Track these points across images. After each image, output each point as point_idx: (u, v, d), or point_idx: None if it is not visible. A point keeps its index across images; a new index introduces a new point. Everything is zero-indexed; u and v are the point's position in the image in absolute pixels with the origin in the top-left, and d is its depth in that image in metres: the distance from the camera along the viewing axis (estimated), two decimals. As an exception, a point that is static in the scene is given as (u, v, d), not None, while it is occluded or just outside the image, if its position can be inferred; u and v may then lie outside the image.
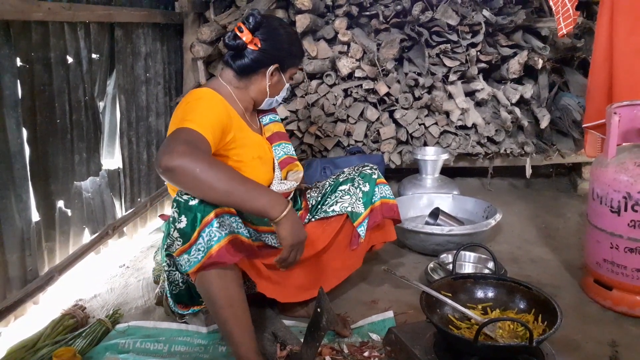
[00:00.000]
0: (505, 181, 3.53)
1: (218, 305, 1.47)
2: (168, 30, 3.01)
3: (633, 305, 1.83)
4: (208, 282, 1.45)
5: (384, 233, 1.98)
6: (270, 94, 1.75)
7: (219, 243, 1.41)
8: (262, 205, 1.37)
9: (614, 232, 1.82)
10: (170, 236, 1.47)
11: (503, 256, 2.33)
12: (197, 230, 1.40)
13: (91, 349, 1.67)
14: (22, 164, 1.84)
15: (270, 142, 1.84)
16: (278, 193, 1.48)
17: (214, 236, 1.40)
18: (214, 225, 1.41)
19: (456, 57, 3.10)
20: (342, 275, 1.92)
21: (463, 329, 1.52)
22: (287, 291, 1.73)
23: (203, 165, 1.31)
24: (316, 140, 3.20)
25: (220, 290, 1.45)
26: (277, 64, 1.70)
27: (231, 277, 1.46)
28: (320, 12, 3.19)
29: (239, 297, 1.49)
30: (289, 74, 1.78)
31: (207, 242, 1.40)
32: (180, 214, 1.42)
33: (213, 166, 1.33)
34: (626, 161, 1.80)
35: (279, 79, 1.75)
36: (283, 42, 1.70)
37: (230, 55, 1.70)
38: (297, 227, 1.42)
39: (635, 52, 2.17)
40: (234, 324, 1.48)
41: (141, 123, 2.71)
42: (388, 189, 1.96)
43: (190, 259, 1.42)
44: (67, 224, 2.13)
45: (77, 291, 2.11)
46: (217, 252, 1.40)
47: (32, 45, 1.89)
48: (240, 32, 1.65)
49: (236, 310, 1.48)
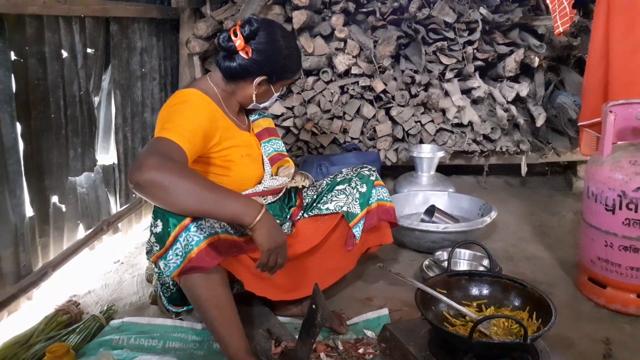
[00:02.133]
0: (500, 179, 3.54)
1: (205, 307, 1.46)
2: (164, 26, 2.99)
3: (627, 303, 1.84)
4: (193, 284, 1.44)
5: (379, 235, 1.97)
6: (256, 102, 1.71)
7: (199, 246, 1.39)
8: (234, 213, 1.32)
9: (608, 231, 1.82)
10: (149, 241, 1.48)
11: (498, 254, 2.34)
12: (173, 235, 1.39)
13: (85, 345, 1.66)
14: (16, 159, 1.83)
15: (259, 138, 1.81)
16: (251, 198, 1.40)
17: (191, 240, 1.39)
18: (191, 229, 1.39)
19: (453, 54, 3.10)
20: (336, 276, 1.90)
21: (458, 326, 1.52)
22: (277, 289, 1.71)
23: (171, 177, 1.27)
24: (312, 137, 3.20)
25: (205, 291, 1.44)
26: (266, 76, 1.64)
27: (216, 278, 1.45)
28: (317, 8, 3.19)
29: (226, 297, 1.48)
30: (279, 85, 1.72)
31: (184, 247, 1.39)
32: (157, 218, 1.42)
33: (182, 177, 1.29)
34: (621, 160, 1.81)
35: (267, 89, 1.70)
36: (278, 56, 1.63)
37: (222, 57, 1.66)
38: (273, 231, 1.37)
39: (631, 51, 2.17)
40: (222, 324, 1.47)
41: (136, 118, 2.70)
42: (385, 192, 1.95)
43: (168, 263, 1.41)
44: (61, 220, 2.12)
45: (71, 287, 2.10)
46: (197, 255, 1.39)
47: (27, 39, 1.87)
48: (235, 36, 1.59)
49: (223, 310, 1.47)
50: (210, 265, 1.40)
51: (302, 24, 3.00)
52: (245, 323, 1.72)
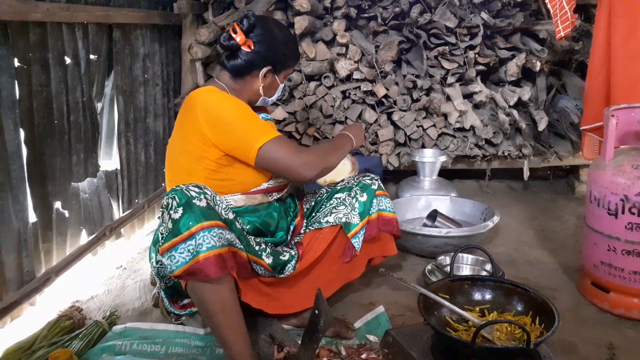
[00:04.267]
0: (503, 183, 3.54)
1: (210, 310, 1.45)
2: (166, 32, 3.01)
3: (630, 308, 1.83)
4: (199, 287, 1.42)
5: (381, 246, 1.94)
6: (264, 95, 1.78)
7: (209, 252, 1.37)
8: (349, 148, 1.84)
9: (611, 235, 1.82)
10: (158, 229, 1.46)
11: (500, 258, 2.34)
12: (192, 230, 1.36)
13: (88, 351, 1.66)
14: (19, 165, 1.83)
15: None
16: (347, 135, 1.86)
17: (207, 242, 1.37)
18: (213, 231, 1.38)
19: (454, 59, 3.11)
20: (335, 287, 1.87)
21: (460, 331, 1.52)
22: (274, 302, 1.70)
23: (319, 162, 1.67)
24: (314, 141, 3.20)
25: (212, 295, 1.43)
26: (270, 66, 1.72)
27: (223, 282, 1.44)
28: (319, 14, 3.20)
29: (232, 302, 1.47)
30: (283, 75, 1.80)
31: (197, 246, 1.36)
32: (180, 205, 1.39)
33: (323, 157, 1.70)
34: (624, 164, 1.80)
35: (272, 81, 1.77)
36: (277, 44, 1.72)
37: (225, 56, 1.73)
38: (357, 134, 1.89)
39: (632, 55, 2.17)
40: (227, 329, 1.47)
41: (139, 124, 2.70)
42: (388, 202, 1.91)
43: (177, 256, 1.37)
44: (64, 225, 2.13)
45: (74, 292, 2.11)
46: (204, 260, 1.36)
47: (30, 45, 1.88)
48: (234, 33, 1.68)
49: (229, 315, 1.46)
50: (214, 275, 1.38)
51: (303, 29, 3.01)
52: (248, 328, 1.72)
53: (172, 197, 1.42)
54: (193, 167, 1.66)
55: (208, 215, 1.40)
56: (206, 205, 1.42)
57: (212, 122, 1.60)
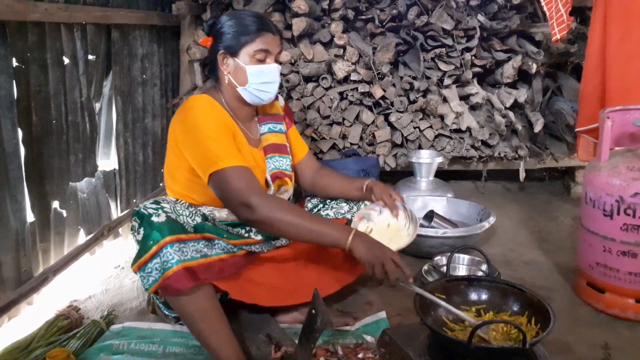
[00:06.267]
0: (499, 184, 3.55)
1: (191, 319, 1.47)
2: (165, 32, 3.01)
3: (625, 308, 1.84)
4: (176, 299, 1.45)
5: None
6: (237, 83, 1.66)
7: (175, 267, 1.39)
8: (331, 241, 1.53)
9: (606, 236, 1.83)
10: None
11: (496, 259, 2.35)
12: (154, 249, 1.39)
13: (85, 350, 1.66)
14: (17, 165, 1.84)
15: (264, 153, 1.79)
16: (341, 225, 1.60)
17: (171, 258, 1.39)
18: (175, 246, 1.40)
19: (451, 61, 3.12)
20: (335, 286, 1.86)
21: (457, 331, 1.52)
22: (273, 293, 1.68)
23: (276, 215, 1.48)
24: (312, 142, 3.21)
25: (189, 306, 1.44)
26: (222, 49, 1.65)
27: (197, 291, 1.44)
28: (317, 15, 3.21)
29: (211, 309, 1.48)
30: (244, 55, 1.64)
31: (163, 263, 1.39)
32: (140, 226, 1.43)
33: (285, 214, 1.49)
34: (619, 165, 1.82)
35: (235, 65, 1.65)
36: (224, 27, 1.66)
37: None
38: (370, 247, 1.53)
39: (627, 57, 2.19)
40: (211, 336, 1.48)
41: (137, 124, 2.71)
42: None
43: (147, 277, 1.41)
44: (62, 225, 2.13)
45: (71, 292, 2.11)
46: (173, 274, 1.39)
47: (28, 46, 1.89)
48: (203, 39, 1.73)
49: (210, 322, 1.47)
50: (185, 288, 1.40)
51: (301, 31, 3.02)
52: (245, 328, 1.73)
53: (133, 219, 1.46)
54: (175, 173, 1.68)
55: (169, 229, 1.42)
56: (166, 219, 1.43)
57: (184, 131, 1.59)
